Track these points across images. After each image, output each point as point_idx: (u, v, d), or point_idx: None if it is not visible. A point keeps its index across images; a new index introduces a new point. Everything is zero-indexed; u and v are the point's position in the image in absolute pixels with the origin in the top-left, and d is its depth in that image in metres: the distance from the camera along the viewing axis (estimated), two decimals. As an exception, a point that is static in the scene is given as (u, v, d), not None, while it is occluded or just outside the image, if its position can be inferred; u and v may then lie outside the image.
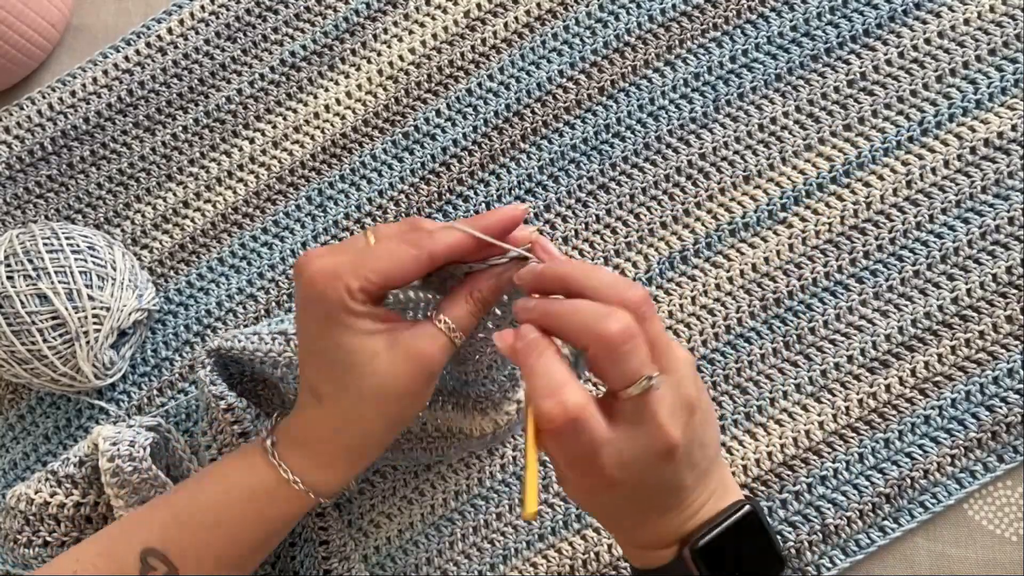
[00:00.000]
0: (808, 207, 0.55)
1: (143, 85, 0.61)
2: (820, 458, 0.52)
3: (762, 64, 0.57)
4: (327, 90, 0.60)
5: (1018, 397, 0.52)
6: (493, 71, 0.59)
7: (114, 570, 0.42)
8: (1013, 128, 0.54)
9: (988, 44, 0.56)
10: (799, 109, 0.56)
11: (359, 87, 0.60)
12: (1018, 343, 0.52)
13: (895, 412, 0.53)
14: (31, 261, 0.51)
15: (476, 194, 0.58)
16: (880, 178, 0.55)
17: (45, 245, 0.51)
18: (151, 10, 0.62)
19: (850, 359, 0.53)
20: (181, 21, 0.61)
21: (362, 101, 0.60)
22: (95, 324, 0.51)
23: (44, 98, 0.61)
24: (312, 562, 0.51)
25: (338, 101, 0.60)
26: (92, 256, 0.52)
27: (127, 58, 0.61)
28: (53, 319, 0.50)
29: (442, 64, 0.59)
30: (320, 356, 0.39)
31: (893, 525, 0.51)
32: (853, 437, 0.52)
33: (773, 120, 0.56)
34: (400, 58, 0.60)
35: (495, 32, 0.60)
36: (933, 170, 0.55)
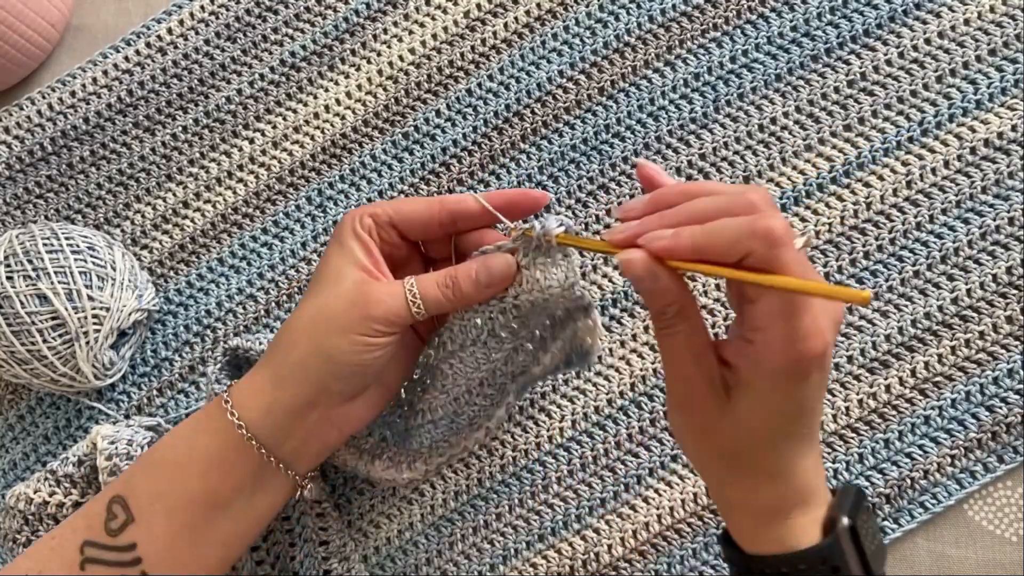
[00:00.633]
0: (808, 207, 0.55)
1: (143, 85, 0.61)
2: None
3: (762, 64, 0.57)
4: (327, 90, 0.60)
5: (1018, 397, 0.52)
6: (493, 71, 0.59)
7: (85, 526, 0.42)
8: (1013, 128, 0.54)
9: (988, 44, 0.56)
10: (799, 109, 0.56)
11: (359, 87, 0.60)
12: (1018, 343, 0.52)
13: (895, 412, 0.53)
14: (31, 261, 0.51)
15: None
16: (880, 178, 0.55)
17: (45, 245, 0.51)
18: (151, 10, 0.62)
19: (850, 359, 0.53)
20: (181, 21, 0.61)
21: (362, 101, 0.60)
22: (95, 324, 0.51)
23: (44, 98, 0.61)
24: (312, 562, 0.51)
25: (338, 101, 0.60)
26: (92, 256, 0.52)
27: (127, 58, 0.61)
28: (53, 319, 0.50)
29: (442, 64, 0.60)
30: (313, 274, 0.42)
31: (893, 525, 0.51)
32: (853, 437, 0.52)
33: (773, 120, 0.56)
34: (400, 58, 0.60)
35: (495, 32, 0.60)
36: (933, 170, 0.55)
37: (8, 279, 0.50)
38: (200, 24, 0.61)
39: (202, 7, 0.61)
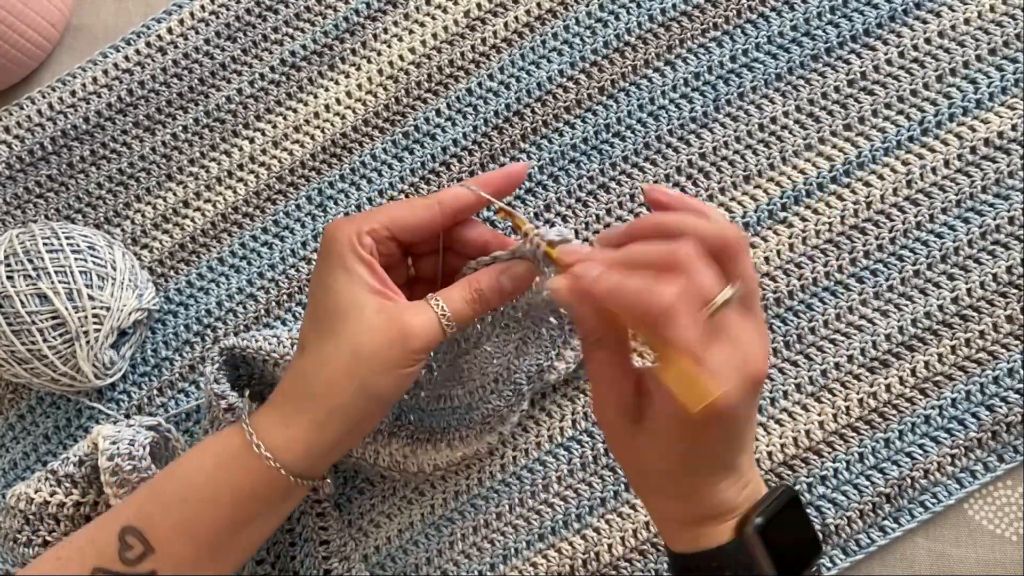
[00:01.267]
0: (808, 207, 0.55)
1: (143, 85, 0.61)
2: (820, 458, 0.52)
3: (762, 64, 0.57)
4: (327, 90, 0.60)
5: (1018, 397, 0.52)
6: (493, 71, 0.59)
7: (95, 553, 0.41)
8: (1013, 128, 0.54)
9: (988, 44, 0.56)
10: (799, 109, 0.56)
11: (359, 87, 0.60)
12: (1018, 343, 0.52)
13: (895, 412, 0.53)
14: (31, 261, 0.51)
15: (476, 194, 0.58)
16: (880, 178, 0.55)
17: (45, 245, 0.51)
18: (151, 10, 0.62)
19: (850, 359, 0.53)
20: (181, 21, 0.61)
21: (362, 101, 0.60)
22: (95, 324, 0.51)
23: (44, 98, 0.61)
24: (312, 562, 0.51)
25: (338, 101, 0.60)
26: (92, 256, 0.52)
27: (127, 58, 0.61)
28: (53, 319, 0.50)
29: (442, 64, 0.59)
30: (315, 303, 0.40)
31: (893, 525, 0.51)
32: (853, 437, 0.52)
33: (773, 120, 0.56)
34: (400, 58, 0.60)
35: (495, 32, 0.60)
36: (933, 170, 0.55)
37: (8, 279, 0.50)
38: (200, 24, 0.61)
39: (202, 7, 0.61)
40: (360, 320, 0.38)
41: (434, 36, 0.60)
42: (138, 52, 0.61)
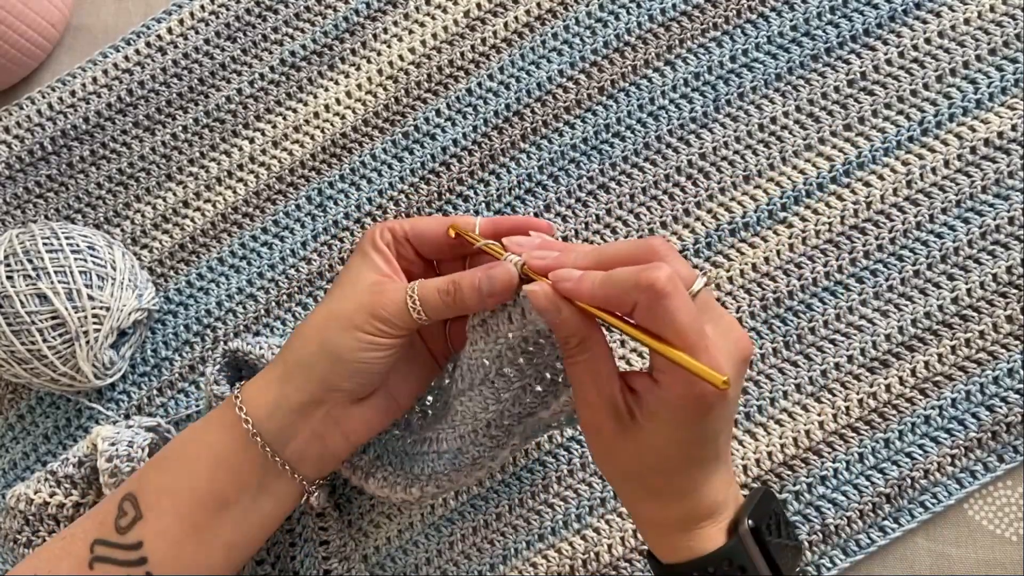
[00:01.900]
0: (808, 207, 0.55)
1: (143, 85, 0.61)
2: (820, 458, 0.52)
3: (762, 64, 0.57)
4: (327, 90, 0.60)
5: (1018, 397, 0.52)
6: (493, 71, 0.59)
7: (96, 526, 0.43)
8: (1013, 128, 0.54)
9: (988, 44, 0.56)
10: (799, 109, 0.56)
11: (359, 87, 0.60)
12: (1018, 343, 0.52)
13: (895, 412, 0.53)
14: (31, 261, 0.51)
15: (476, 194, 0.58)
16: (880, 178, 0.55)
17: (45, 245, 0.51)
18: (151, 10, 0.62)
19: (850, 359, 0.53)
20: (181, 21, 0.61)
21: (362, 101, 0.60)
22: (95, 324, 0.51)
23: (44, 98, 0.61)
24: (312, 562, 0.51)
25: (338, 101, 0.60)
26: (92, 256, 0.52)
27: (127, 58, 0.61)
28: (53, 319, 0.50)
29: (442, 64, 0.59)
30: (335, 281, 0.44)
31: (893, 525, 0.51)
32: (853, 437, 0.52)
33: (773, 120, 0.56)
34: (400, 58, 0.60)
35: (495, 32, 0.60)
36: (933, 170, 0.55)
37: (8, 279, 0.50)
38: (200, 24, 0.61)
39: (202, 7, 0.61)
40: (352, 288, 0.42)
41: (434, 36, 0.60)
42: (138, 52, 0.61)
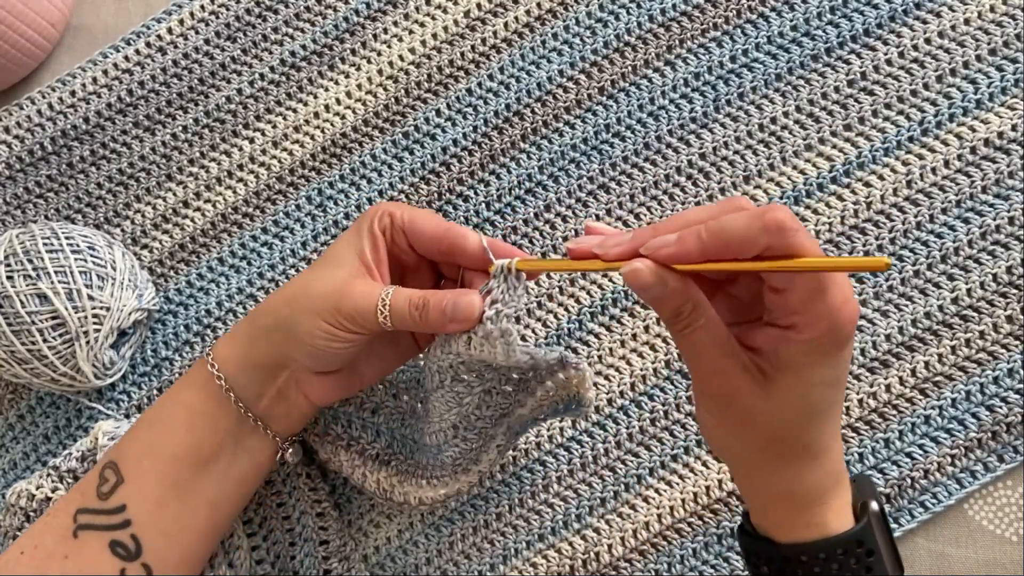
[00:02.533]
0: (808, 207, 0.55)
1: (143, 85, 0.61)
2: (820, 458, 0.52)
3: (762, 64, 0.57)
4: (327, 90, 0.60)
5: (1018, 397, 0.52)
6: (493, 71, 0.59)
7: (79, 496, 0.43)
8: (1013, 128, 0.54)
9: (988, 44, 0.56)
10: (799, 109, 0.56)
11: (359, 87, 0.60)
12: (1018, 343, 0.52)
13: (895, 412, 0.53)
14: (31, 261, 0.51)
15: (476, 194, 0.58)
16: (880, 178, 0.55)
17: (45, 245, 0.51)
18: (151, 10, 0.62)
19: (850, 359, 0.53)
20: (181, 21, 0.61)
21: (362, 101, 0.60)
22: (95, 324, 0.51)
23: (44, 98, 0.61)
24: (312, 562, 0.51)
25: (338, 101, 0.60)
26: (92, 256, 0.52)
27: (127, 58, 0.61)
28: (53, 319, 0.50)
29: (442, 64, 0.60)
30: (325, 251, 0.44)
31: (893, 525, 0.51)
32: (853, 437, 0.52)
33: (773, 120, 0.56)
34: (400, 58, 0.60)
35: (495, 32, 0.60)
36: (933, 170, 0.55)
37: (8, 279, 0.50)
38: (200, 24, 0.61)
39: (202, 7, 0.61)
40: (332, 268, 0.41)
41: (434, 36, 0.60)
42: (138, 52, 0.61)
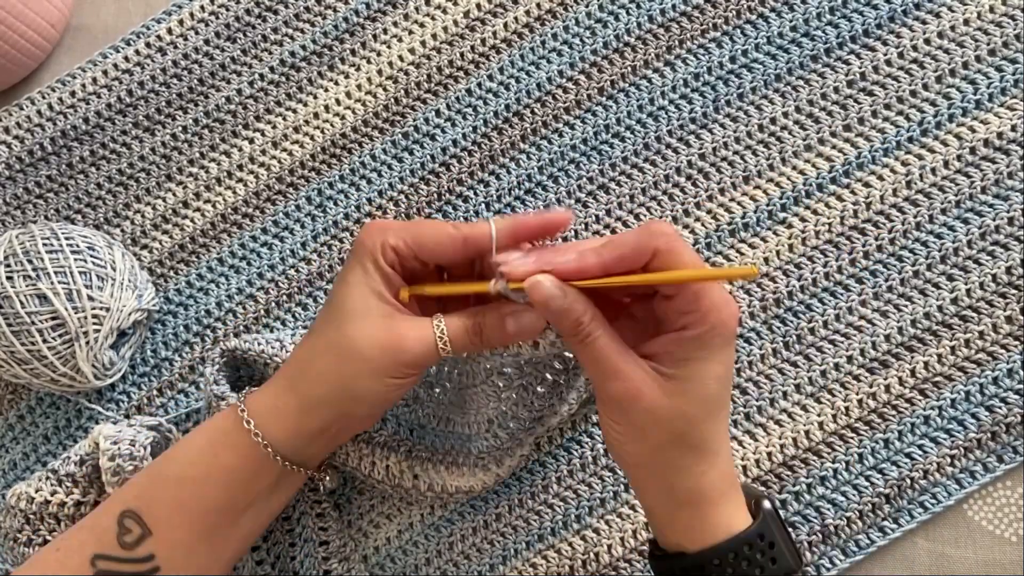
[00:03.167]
0: (808, 207, 0.55)
1: (143, 85, 0.61)
2: (820, 458, 0.52)
3: (762, 64, 0.57)
4: (327, 90, 0.60)
5: (1018, 397, 0.52)
6: (493, 71, 0.59)
7: (94, 540, 0.42)
8: (1013, 128, 0.54)
9: (988, 44, 0.56)
10: (799, 109, 0.56)
11: (359, 87, 0.60)
12: (1018, 343, 0.52)
13: (895, 412, 0.53)
14: (31, 261, 0.51)
15: (476, 194, 0.58)
16: (880, 178, 0.55)
17: (45, 245, 0.51)
18: (151, 10, 0.62)
19: (850, 359, 0.53)
20: (181, 21, 0.61)
21: (362, 101, 0.60)
22: (95, 324, 0.51)
23: (44, 98, 0.61)
24: (312, 562, 0.51)
25: (338, 101, 0.60)
26: (92, 256, 0.52)
27: (127, 58, 0.61)
28: (53, 319, 0.50)
29: (442, 64, 0.59)
30: (332, 294, 0.41)
31: (893, 525, 0.51)
32: (853, 437, 0.52)
33: (773, 120, 0.56)
34: (400, 58, 0.60)
35: (495, 32, 0.60)
36: (933, 170, 0.55)
37: (8, 279, 0.50)
38: (200, 24, 0.61)
39: (202, 7, 0.61)
40: (363, 321, 0.40)
41: (434, 37, 0.60)
42: (138, 52, 0.61)
